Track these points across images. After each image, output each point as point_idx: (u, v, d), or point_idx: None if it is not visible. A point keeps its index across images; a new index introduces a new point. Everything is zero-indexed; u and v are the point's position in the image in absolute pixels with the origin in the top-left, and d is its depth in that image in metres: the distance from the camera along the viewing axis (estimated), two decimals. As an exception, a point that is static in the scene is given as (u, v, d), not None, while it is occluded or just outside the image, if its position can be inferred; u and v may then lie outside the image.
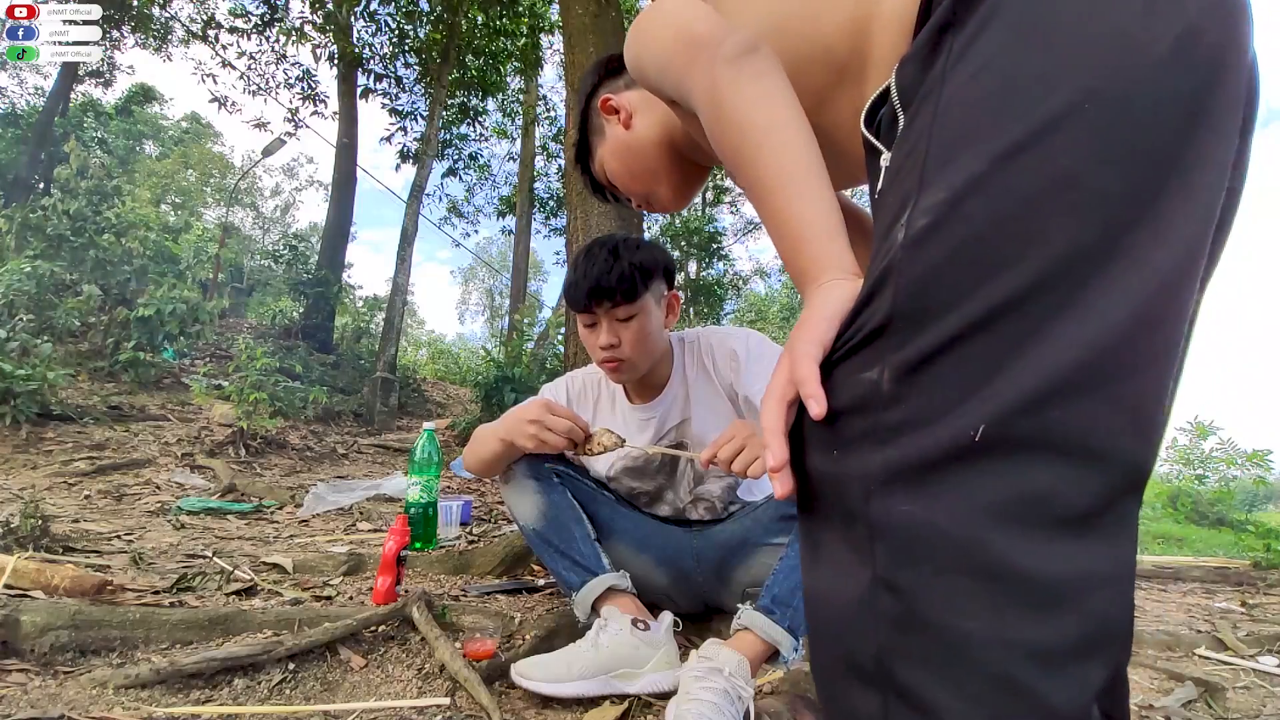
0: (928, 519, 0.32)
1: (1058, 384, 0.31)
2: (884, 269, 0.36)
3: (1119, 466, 0.32)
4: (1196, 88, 0.33)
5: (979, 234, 0.33)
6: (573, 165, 0.95)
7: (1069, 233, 0.32)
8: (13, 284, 4.05)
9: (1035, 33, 0.35)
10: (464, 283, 32.53)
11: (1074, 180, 0.32)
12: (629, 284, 1.12)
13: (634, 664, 1.01)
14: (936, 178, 0.35)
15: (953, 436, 0.32)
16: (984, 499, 0.31)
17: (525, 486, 1.22)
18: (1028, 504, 0.31)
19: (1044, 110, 0.33)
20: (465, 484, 3.31)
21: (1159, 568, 2.89)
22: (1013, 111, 0.34)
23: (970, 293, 0.33)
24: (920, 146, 0.37)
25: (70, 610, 1.02)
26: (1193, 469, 9.01)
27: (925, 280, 0.34)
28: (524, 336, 7.35)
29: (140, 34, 9.89)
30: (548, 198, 12.45)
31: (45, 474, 2.64)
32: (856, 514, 0.35)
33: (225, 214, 14.26)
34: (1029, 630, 0.30)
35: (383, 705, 0.93)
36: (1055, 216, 0.32)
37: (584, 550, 1.17)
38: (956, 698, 0.30)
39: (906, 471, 0.33)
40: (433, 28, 8.38)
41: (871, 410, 0.35)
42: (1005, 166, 0.33)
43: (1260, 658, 1.44)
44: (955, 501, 0.32)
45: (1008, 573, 0.30)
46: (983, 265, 0.33)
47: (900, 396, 0.34)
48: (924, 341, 0.34)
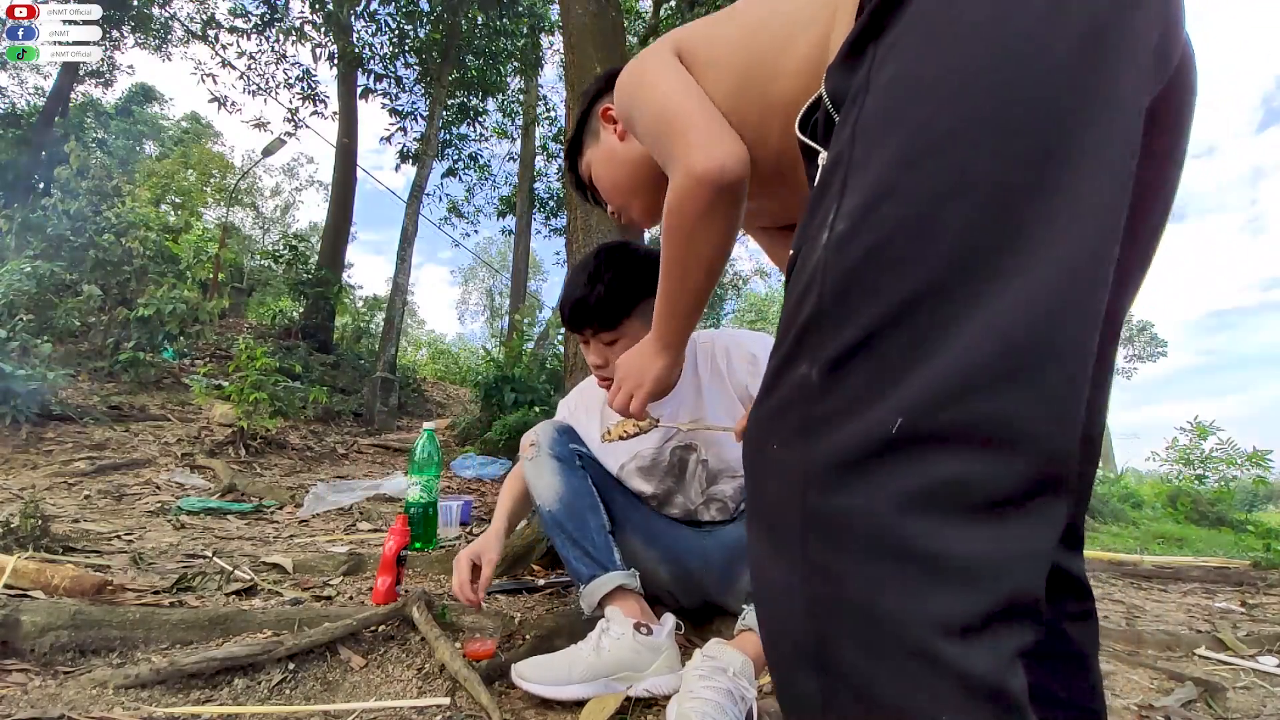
0: (853, 508, 0.34)
1: (970, 376, 0.33)
2: (813, 270, 0.39)
3: (1035, 454, 0.33)
4: (1096, 85, 0.35)
5: (889, 236, 0.36)
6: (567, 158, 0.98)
7: (972, 231, 0.34)
8: (13, 284, 4.05)
9: (945, 40, 0.37)
10: (464, 283, 32.53)
11: (974, 182, 0.34)
12: (607, 311, 1.12)
13: (635, 668, 1.01)
14: (855, 183, 0.38)
15: (873, 429, 0.34)
16: (904, 488, 0.33)
17: (548, 466, 1.22)
18: (946, 492, 0.33)
19: (948, 116, 0.36)
20: (465, 484, 3.32)
21: (1159, 568, 2.89)
22: (920, 117, 0.37)
23: (883, 291, 0.35)
24: (844, 153, 0.40)
25: (70, 610, 1.02)
26: (1193, 469, 9.01)
27: (846, 281, 0.37)
28: (524, 336, 7.35)
29: (140, 34, 9.90)
30: (548, 198, 12.44)
31: (45, 474, 2.64)
32: (794, 504, 0.37)
33: (225, 214, 14.25)
34: (944, 607, 0.32)
35: (383, 705, 0.93)
36: (958, 216, 0.34)
37: (597, 541, 1.17)
38: (885, 674, 0.32)
39: (834, 463, 0.35)
40: (433, 28, 8.38)
41: (804, 404, 0.37)
42: (912, 171, 0.36)
43: (1260, 658, 1.44)
44: (877, 491, 0.34)
45: (925, 556, 0.32)
46: (893, 265, 0.36)
47: (827, 390, 0.36)
48: (845, 338, 0.36)
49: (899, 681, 0.32)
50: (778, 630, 0.39)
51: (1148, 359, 17.26)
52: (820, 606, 0.35)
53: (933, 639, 0.31)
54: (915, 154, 0.36)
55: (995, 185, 0.34)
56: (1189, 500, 8.10)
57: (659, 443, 1.28)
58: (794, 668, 0.37)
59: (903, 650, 0.32)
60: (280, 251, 9.36)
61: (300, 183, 26.25)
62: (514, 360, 5.25)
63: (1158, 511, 8.21)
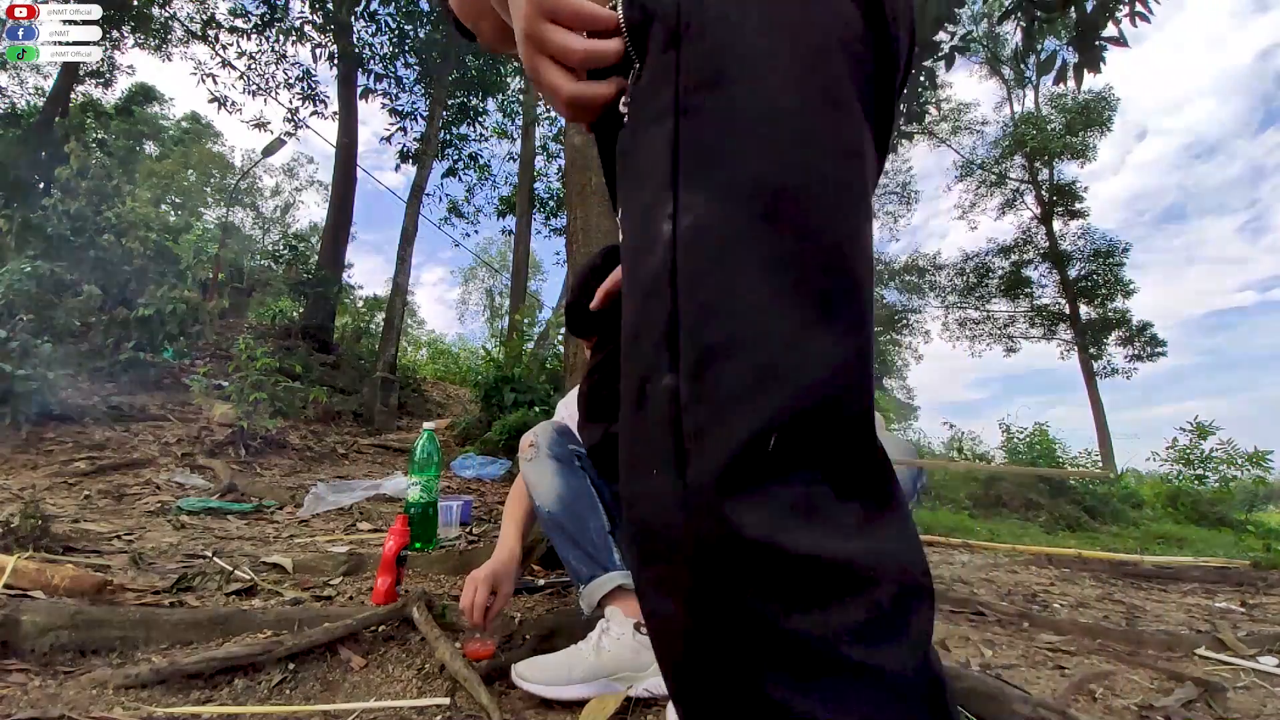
0: (744, 525, 0.32)
1: (811, 394, 0.33)
2: (657, 272, 0.37)
3: (877, 459, 0.34)
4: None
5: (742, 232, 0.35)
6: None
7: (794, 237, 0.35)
8: (13, 284, 4.05)
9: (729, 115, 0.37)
10: (464, 283, 32.53)
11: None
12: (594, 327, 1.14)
13: (635, 668, 1.01)
14: (692, 184, 0.36)
15: (739, 442, 0.32)
16: (778, 502, 0.32)
17: (547, 466, 1.22)
18: (810, 501, 0.32)
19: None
20: (465, 484, 3.32)
21: (1159, 568, 2.89)
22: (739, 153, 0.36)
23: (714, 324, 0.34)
24: (664, 160, 0.38)
25: (70, 610, 1.02)
26: (1193, 469, 9.01)
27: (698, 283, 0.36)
28: (524, 336, 7.35)
29: (140, 34, 9.90)
30: (548, 198, 12.44)
31: (45, 474, 2.64)
32: (679, 530, 0.34)
33: (225, 214, 14.26)
34: (845, 615, 0.31)
35: (383, 705, 0.93)
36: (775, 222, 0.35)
37: (597, 542, 1.17)
38: (814, 695, 0.31)
39: (707, 483, 0.32)
40: (433, 28, 8.38)
41: (674, 421, 0.34)
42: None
43: (1260, 658, 1.44)
44: (752, 508, 0.32)
45: (808, 567, 0.31)
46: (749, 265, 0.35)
47: (694, 400, 0.34)
48: (703, 346, 0.34)
49: (829, 698, 0.31)
50: (700, 674, 0.35)
51: (1147, 359, 17.23)
52: (736, 638, 0.33)
53: (846, 648, 0.31)
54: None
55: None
56: (1189, 500, 8.10)
57: None
58: (726, 706, 0.34)
59: (823, 667, 0.31)
60: (280, 251, 9.36)
61: (300, 183, 26.27)
62: (514, 360, 5.25)
63: (1158, 512, 8.21)
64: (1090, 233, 18.17)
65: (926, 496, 7.45)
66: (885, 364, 23.00)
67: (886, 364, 23.08)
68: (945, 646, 1.45)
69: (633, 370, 0.38)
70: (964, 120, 20.01)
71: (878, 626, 0.32)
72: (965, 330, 20.46)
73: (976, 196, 20.42)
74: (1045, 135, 17.28)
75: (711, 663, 0.34)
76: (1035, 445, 9.42)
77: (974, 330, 20.34)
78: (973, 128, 20.14)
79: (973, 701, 0.95)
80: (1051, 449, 9.27)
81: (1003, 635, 1.57)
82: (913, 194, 21.71)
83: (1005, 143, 18.85)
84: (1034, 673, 1.30)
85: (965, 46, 3.48)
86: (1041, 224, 18.66)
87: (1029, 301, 19.35)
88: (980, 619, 1.70)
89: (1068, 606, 2.05)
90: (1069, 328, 18.26)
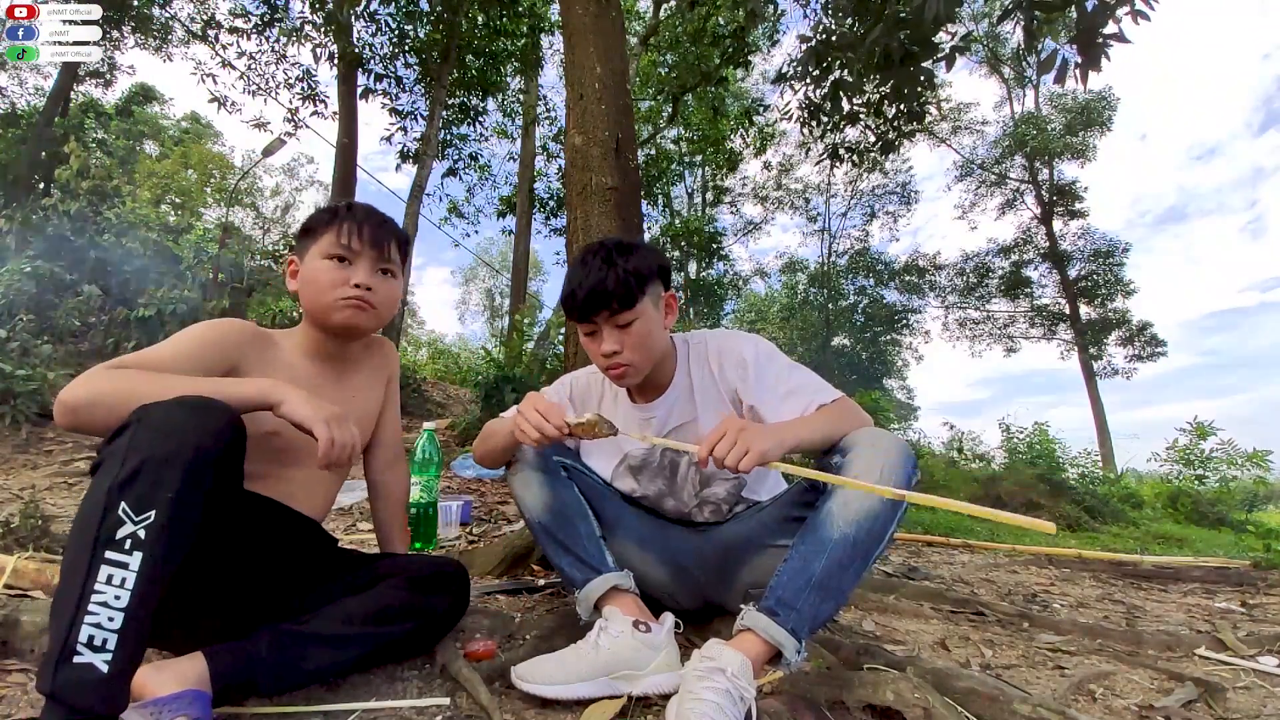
0: None
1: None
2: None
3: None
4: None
5: None
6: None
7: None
8: (13, 284, 4.05)
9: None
10: (464, 283, 32.53)
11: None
12: (625, 290, 1.11)
13: (635, 666, 1.01)
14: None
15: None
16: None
17: (531, 479, 1.21)
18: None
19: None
20: (465, 484, 3.31)
21: (1159, 568, 2.89)
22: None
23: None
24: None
25: (70, 610, 1.02)
26: (1193, 469, 9.01)
27: None
28: (524, 336, 7.33)
29: (140, 34, 9.90)
30: (548, 198, 12.44)
31: (45, 474, 2.64)
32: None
33: (225, 214, 14.23)
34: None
35: (383, 705, 0.93)
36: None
37: (588, 547, 1.17)
38: None
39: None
40: (433, 28, 8.38)
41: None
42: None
43: (1260, 658, 1.44)
44: None
45: None
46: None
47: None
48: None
49: None
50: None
51: (1148, 359, 17.25)
52: None
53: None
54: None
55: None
56: (1189, 500, 8.11)
57: (646, 443, 1.27)
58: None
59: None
60: (280, 251, 9.36)
61: (300, 183, 26.24)
62: (514, 360, 5.25)
63: (1158, 512, 8.22)
64: (1090, 233, 18.19)
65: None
66: (885, 364, 23.00)
67: (886, 364, 23.08)
68: (945, 646, 1.45)
69: None
70: (964, 120, 19.99)
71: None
72: (965, 330, 20.48)
73: (976, 196, 20.44)
74: (1045, 135, 17.28)
75: None
76: (1035, 445, 9.42)
77: (974, 330, 20.36)
78: (973, 128, 20.14)
79: (973, 702, 0.95)
80: (1051, 449, 9.26)
81: (1003, 635, 1.57)
82: (913, 194, 21.72)
83: (1005, 143, 18.85)
84: (1034, 673, 1.30)
85: (965, 46, 3.48)
86: (1041, 224, 18.67)
87: (1029, 302, 19.37)
88: (980, 619, 1.70)
89: (1068, 606, 2.05)
90: (1069, 328, 18.27)
